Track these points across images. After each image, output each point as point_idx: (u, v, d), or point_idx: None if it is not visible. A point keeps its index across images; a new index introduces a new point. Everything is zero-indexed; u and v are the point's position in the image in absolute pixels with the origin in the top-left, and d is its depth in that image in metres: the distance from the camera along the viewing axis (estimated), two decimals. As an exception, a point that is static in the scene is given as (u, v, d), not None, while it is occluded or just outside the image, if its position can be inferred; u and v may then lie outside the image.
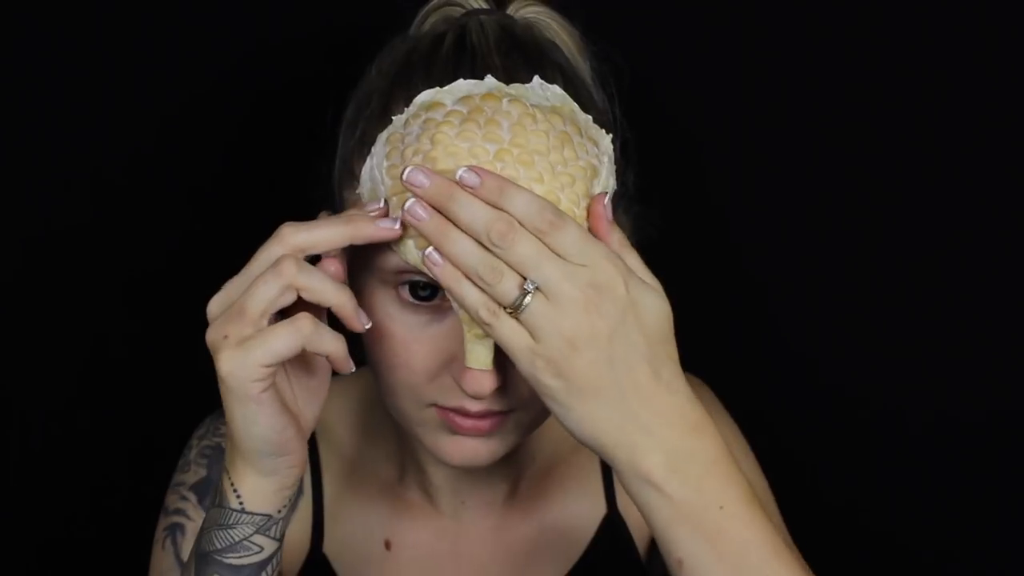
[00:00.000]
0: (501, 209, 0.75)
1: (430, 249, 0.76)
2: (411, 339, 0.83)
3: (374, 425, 1.02)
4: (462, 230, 0.75)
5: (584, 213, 0.79)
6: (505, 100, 0.80)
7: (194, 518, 0.98)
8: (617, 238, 0.79)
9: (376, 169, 0.81)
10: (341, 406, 1.03)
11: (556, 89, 0.82)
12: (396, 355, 0.84)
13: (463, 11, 0.92)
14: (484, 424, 0.85)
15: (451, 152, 0.78)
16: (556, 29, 0.93)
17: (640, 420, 0.76)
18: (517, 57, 0.85)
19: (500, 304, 0.75)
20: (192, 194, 1.10)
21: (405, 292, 0.83)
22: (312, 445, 1.01)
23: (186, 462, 1.01)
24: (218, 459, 0.99)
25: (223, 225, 1.11)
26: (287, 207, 1.02)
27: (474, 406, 0.84)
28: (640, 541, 1.02)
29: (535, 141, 0.78)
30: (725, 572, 0.77)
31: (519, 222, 0.74)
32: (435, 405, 0.85)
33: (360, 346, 0.90)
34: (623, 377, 0.76)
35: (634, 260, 0.79)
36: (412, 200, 0.75)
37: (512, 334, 0.76)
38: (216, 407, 0.97)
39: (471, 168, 0.75)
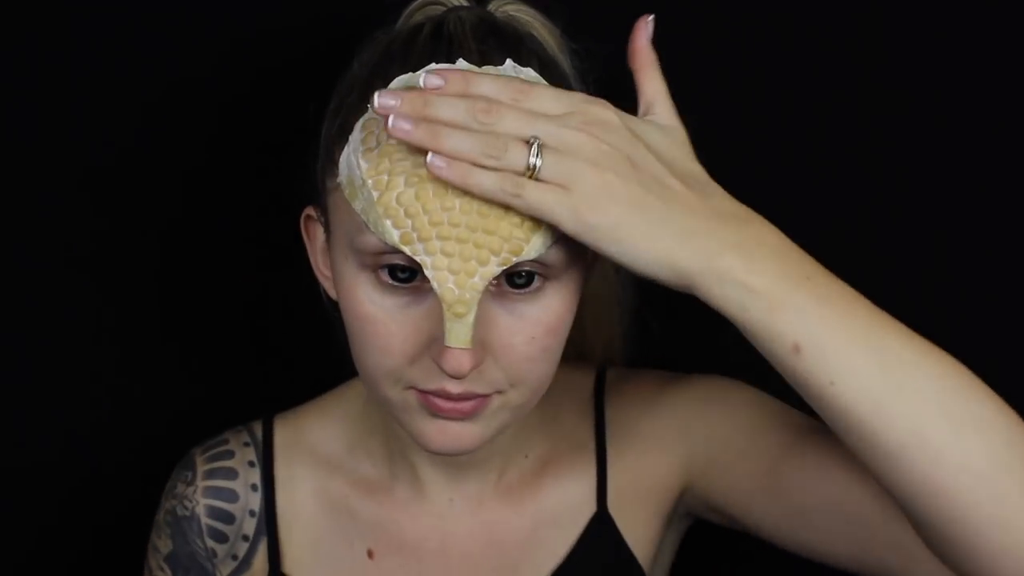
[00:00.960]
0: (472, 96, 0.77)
1: (431, 156, 0.76)
2: (390, 321, 0.84)
3: (363, 433, 1.02)
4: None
5: None
6: None
7: None
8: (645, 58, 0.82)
9: (353, 155, 0.82)
10: (324, 426, 1.04)
11: (529, 71, 0.84)
12: (376, 337, 0.84)
13: (445, 8, 0.94)
14: (465, 407, 0.85)
15: None
16: (536, 26, 0.95)
17: (694, 227, 0.76)
18: (493, 43, 0.87)
19: (517, 172, 0.76)
20: (175, 188, 1.11)
21: (384, 275, 0.83)
22: (268, 465, 1.03)
23: (157, 523, 1.04)
24: (177, 529, 1.02)
25: (208, 219, 1.12)
26: (273, 200, 1.04)
27: (454, 388, 0.84)
28: (634, 544, 1.02)
29: None
30: (842, 330, 0.76)
31: (488, 102, 0.76)
32: (414, 388, 0.85)
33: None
34: (661, 193, 0.76)
35: (654, 87, 0.82)
36: (392, 117, 0.76)
37: (544, 195, 0.76)
38: (204, 407, 1.01)
39: (431, 71, 0.78)
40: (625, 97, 0.98)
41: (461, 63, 0.82)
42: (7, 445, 1.11)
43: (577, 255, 0.86)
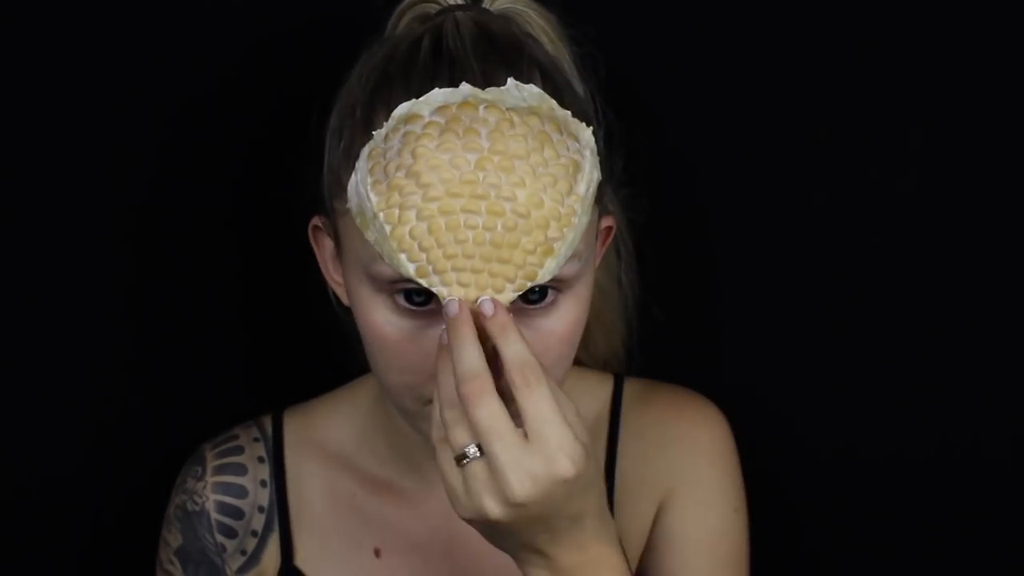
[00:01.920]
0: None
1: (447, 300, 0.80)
2: (409, 342, 0.85)
3: (370, 432, 1.03)
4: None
5: (568, 211, 0.81)
6: (482, 107, 0.81)
7: None
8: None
9: (361, 185, 0.82)
10: (333, 423, 1.04)
11: (532, 88, 0.82)
12: (395, 357, 0.86)
13: (438, 7, 0.93)
14: None
15: (432, 165, 0.80)
16: (534, 18, 0.94)
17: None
18: (494, 58, 0.86)
19: (453, 447, 0.79)
20: (179, 190, 1.11)
21: (400, 299, 0.84)
22: (278, 461, 1.04)
23: (168, 518, 1.04)
24: (187, 524, 1.03)
25: (209, 229, 1.12)
26: (273, 209, 1.04)
27: None
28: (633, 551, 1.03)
29: (514, 146, 0.80)
30: None
31: (505, 366, 0.78)
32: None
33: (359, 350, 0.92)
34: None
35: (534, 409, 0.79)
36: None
37: (449, 469, 0.80)
38: (213, 414, 1.03)
39: (491, 300, 0.79)
40: (618, 74, 0.99)
41: (464, 87, 0.81)
42: (10, 445, 1.12)
43: (588, 264, 0.88)
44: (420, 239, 0.80)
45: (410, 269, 0.80)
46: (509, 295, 0.80)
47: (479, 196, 0.79)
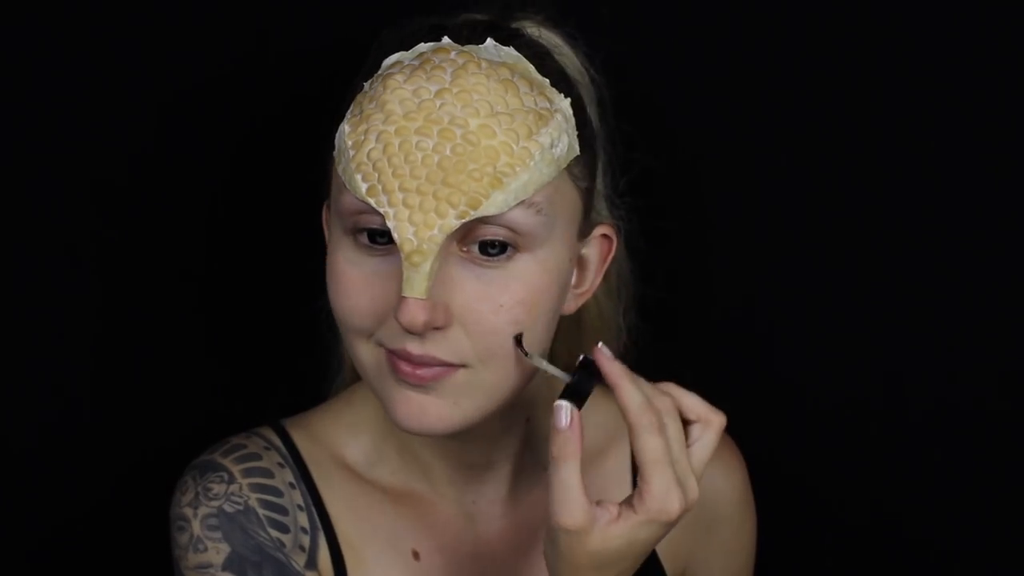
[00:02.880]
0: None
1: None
2: (360, 279, 0.86)
3: (379, 441, 1.02)
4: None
5: (523, 152, 0.83)
6: (454, 52, 0.86)
7: None
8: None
9: (344, 124, 0.87)
10: (339, 433, 1.03)
11: (510, 50, 0.88)
12: (348, 297, 0.87)
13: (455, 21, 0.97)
14: (425, 373, 0.85)
15: (398, 95, 0.84)
16: (560, 48, 0.96)
17: None
18: (482, 29, 0.90)
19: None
20: (195, 198, 1.13)
21: (363, 238, 0.86)
22: (306, 478, 1.00)
23: (194, 539, 0.94)
24: (232, 527, 0.94)
25: (225, 230, 1.15)
26: (291, 209, 1.07)
27: (415, 348, 0.84)
28: (667, 561, 1.02)
29: (475, 81, 0.84)
30: None
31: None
32: (382, 346, 0.87)
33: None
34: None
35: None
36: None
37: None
38: (211, 422, 1.04)
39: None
40: (644, 122, 1.02)
41: (445, 39, 0.87)
42: (12, 446, 1.13)
43: (558, 231, 0.87)
44: (375, 160, 0.83)
45: (362, 189, 0.83)
46: (452, 221, 0.82)
47: (433, 121, 0.83)
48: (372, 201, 0.82)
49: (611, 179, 1.01)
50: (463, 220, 0.82)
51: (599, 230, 0.95)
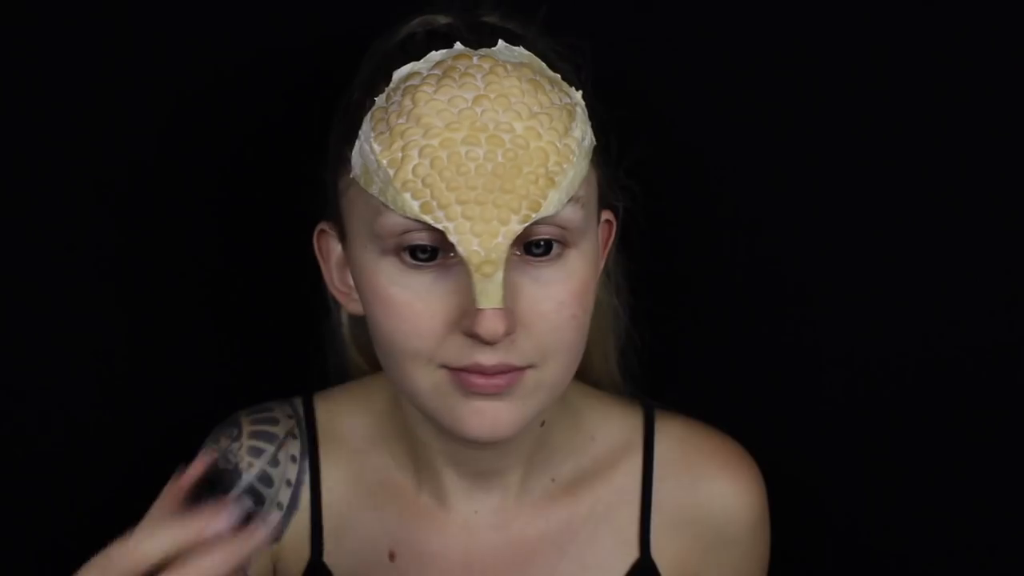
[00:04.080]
0: None
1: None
2: (416, 300, 0.85)
3: (388, 433, 1.01)
4: None
5: (566, 149, 0.83)
6: (475, 57, 0.85)
7: None
8: None
9: (365, 143, 0.85)
10: (353, 415, 1.03)
11: (521, 50, 0.88)
12: (404, 321, 0.85)
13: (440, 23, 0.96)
14: (500, 381, 0.85)
15: (432, 106, 0.82)
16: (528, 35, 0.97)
17: None
18: (486, 32, 0.90)
19: None
20: (184, 204, 1.12)
21: (406, 256, 0.85)
22: (312, 453, 1.01)
23: None
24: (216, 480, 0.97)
25: (217, 234, 1.13)
26: (283, 213, 1.05)
27: (488, 359, 0.84)
28: None
29: (508, 84, 0.83)
30: None
31: None
32: (447, 368, 0.86)
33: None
34: None
35: None
36: None
37: None
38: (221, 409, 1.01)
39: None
40: (617, 90, 1.01)
41: (458, 46, 0.86)
42: (12, 444, 1.12)
43: (592, 219, 0.89)
44: (423, 176, 0.81)
45: (415, 207, 0.81)
46: (515, 226, 0.81)
47: (479, 129, 0.82)
48: (428, 218, 0.81)
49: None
50: (525, 224, 0.81)
51: (604, 215, 0.96)
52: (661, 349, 1.09)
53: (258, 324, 1.13)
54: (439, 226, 0.81)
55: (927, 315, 1.12)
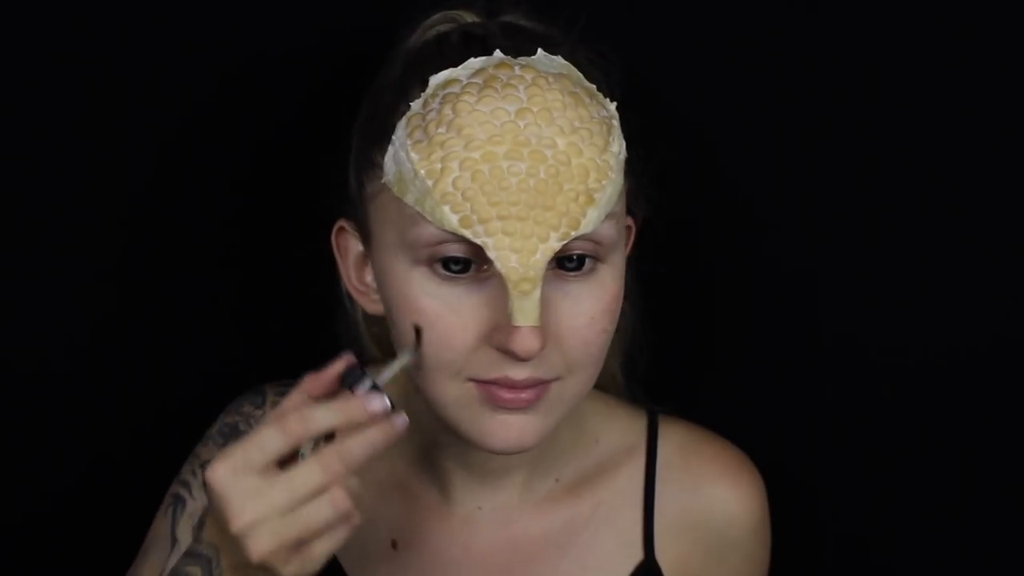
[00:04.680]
0: None
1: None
2: (449, 312, 0.84)
3: (409, 439, 0.97)
4: None
5: (605, 165, 0.82)
6: (517, 67, 0.84)
7: (196, 497, 0.98)
8: None
9: (400, 150, 0.83)
10: None
11: (559, 59, 0.87)
12: (434, 331, 0.84)
13: (459, 24, 0.94)
14: (529, 395, 0.85)
15: (474, 117, 0.81)
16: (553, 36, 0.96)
17: None
18: (522, 38, 0.89)
19: None
20: (199, 202, 1.11)
21: (439, 267, 0.84)
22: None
23: (209, 434, 1.02)
24: (232, 440, 0.97)
25: (231, 233, 1.12)
26: (297, 213, 1.04)
27: (518, 373, 0.84)
28: None
29: (551, 98, 0.82)
30: None
31: None
32: (475, 380, 0.85)
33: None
34: None
35: None
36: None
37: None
38: (225, 399, 1.02)
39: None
40: (647, 96, 1.00)
41: (498, 53, 0.85)
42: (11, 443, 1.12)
43: (623, 231, 0.89)
44: (463, 189, 0.80)
45: (454, 220, 0.80)
46: (554, 244, 0.80)
47: (521, 143, 0.81)
48: (468, 233, 0.80)
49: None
50: (564, 242, 0.81)
51: (625, 221, 0.95)
52: (666, 353, 1.09)
53: (272, 318, 1.13)
54: (478, 241, 0.80)
55: (929, 322, 1.13)
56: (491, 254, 0.80)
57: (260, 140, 1.09)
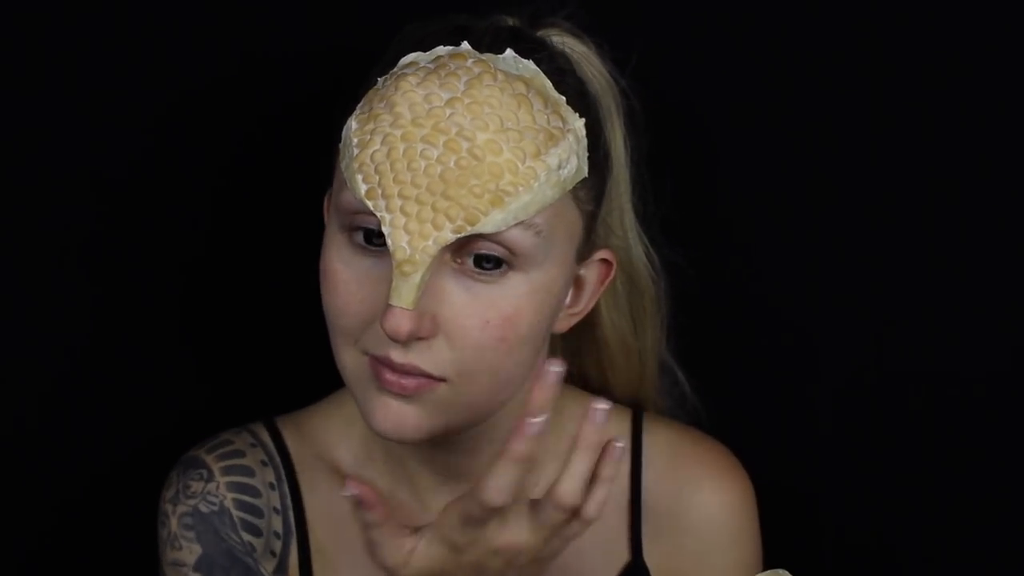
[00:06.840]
0: None
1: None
2: (351, 280, 0.85)
3: (364, 441, 1.01)
4: None
5: (528, 172, 0.82)
6: (470, 60, 0.85)
7: None
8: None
9: (352, 118, 0.86)
10: (327, 429, 1.02)
11: (530, 64, 0.86)
12: (338, 297, 0.86)
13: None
14: (408, 383, 0.84)
15: (408, 97, 0.83)
16: (585, 62, 0.95)
17: None
18: (505, 36, 0.89)
19: None
20: (198, 201, 1.12)
21: (359, 237, 0.85)
22: (294, 488, 1.00)
23: (171, 535, 0.97)
24: (205, 528, 0.96)
25: (228, 232, 1.14)
26: (293, 210, 1.06)
27: (398, 356, 0.84)
28: None
29: (487, 94, 0.82)
30: None
31: None
32: (368, 355, 0.86)
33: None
34: None
35: None
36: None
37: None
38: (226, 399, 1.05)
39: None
40: (677, 135, 1.01)
41: (464, 45, 0.86)
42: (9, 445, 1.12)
43: (555, 253, 0.86)
44: (378, 163, 0.82)
45: (361, 190, 0.82)
46: (448, 235, 0.80)
47: (441, 130, 0.81)
48: (370, 204, 0.81)
49: (640, 193, 1.00)
50: (458, 235, 0.81)
51: (600, 254, 0.94)
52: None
53: (257, 324, 1.14)
54: (377, 214, 0.81)
55: (928, 322, 1.13)
56: (385, 229, 0.81)
57: (260, 140, 1.11)
